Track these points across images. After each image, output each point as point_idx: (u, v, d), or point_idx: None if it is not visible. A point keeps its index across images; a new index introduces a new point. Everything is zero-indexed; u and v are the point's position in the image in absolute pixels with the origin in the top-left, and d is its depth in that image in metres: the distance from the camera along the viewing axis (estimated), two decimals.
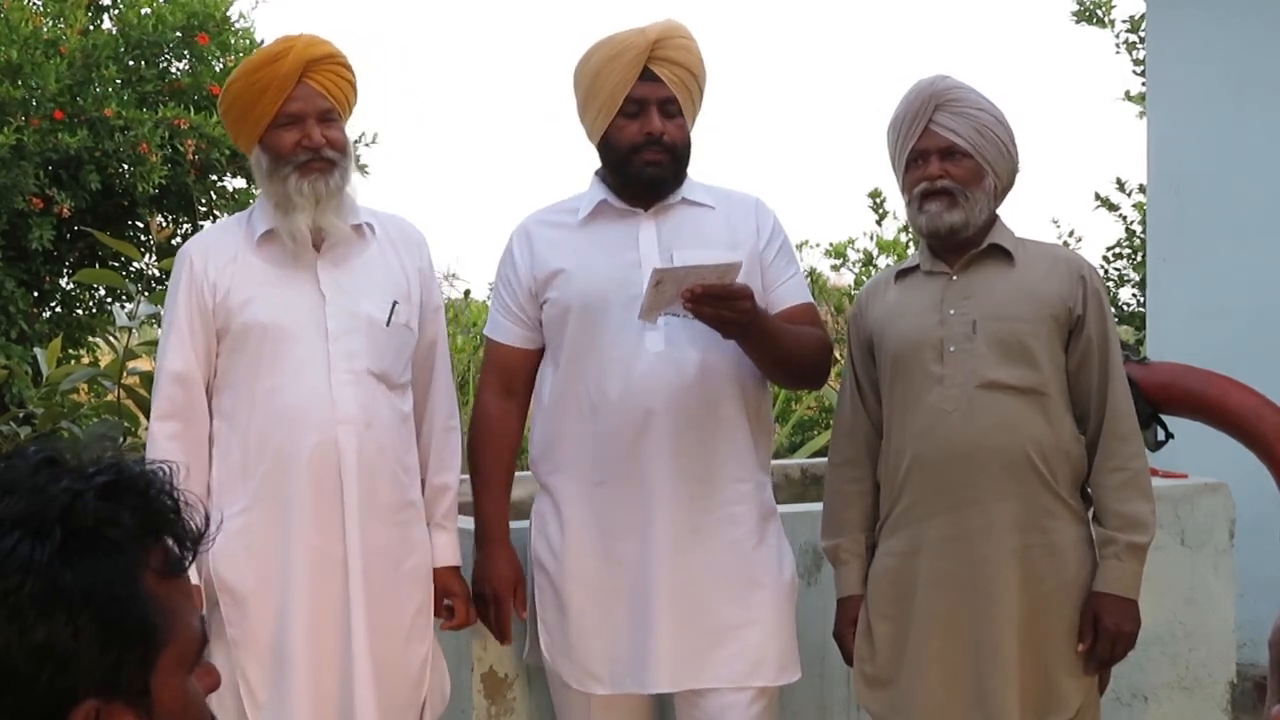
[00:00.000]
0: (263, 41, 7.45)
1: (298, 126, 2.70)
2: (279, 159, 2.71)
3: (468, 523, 3.02)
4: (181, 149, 6.84)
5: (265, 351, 2.70)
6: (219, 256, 2.77)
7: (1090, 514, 2.78)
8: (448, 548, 2.88)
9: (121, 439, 4.07)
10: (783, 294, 2.90)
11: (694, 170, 2.95)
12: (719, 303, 2.62)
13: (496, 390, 2.95)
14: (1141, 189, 8.36)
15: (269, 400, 2.69)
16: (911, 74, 2.83)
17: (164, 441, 2.70)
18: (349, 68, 2.79)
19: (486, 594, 2.86)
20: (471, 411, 3.03)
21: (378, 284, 2.78)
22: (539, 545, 2.89)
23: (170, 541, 1.05)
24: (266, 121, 2.70)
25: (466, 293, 9.31)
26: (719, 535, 2.80)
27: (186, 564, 1.08)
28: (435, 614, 2.85)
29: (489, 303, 3.27)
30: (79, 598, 0.96)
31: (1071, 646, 2.72)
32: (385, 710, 2.71)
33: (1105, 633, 2.70)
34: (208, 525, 1.13)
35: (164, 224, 6.84)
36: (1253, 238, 5.40)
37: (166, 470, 1.10)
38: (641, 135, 2.78)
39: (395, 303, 2.77)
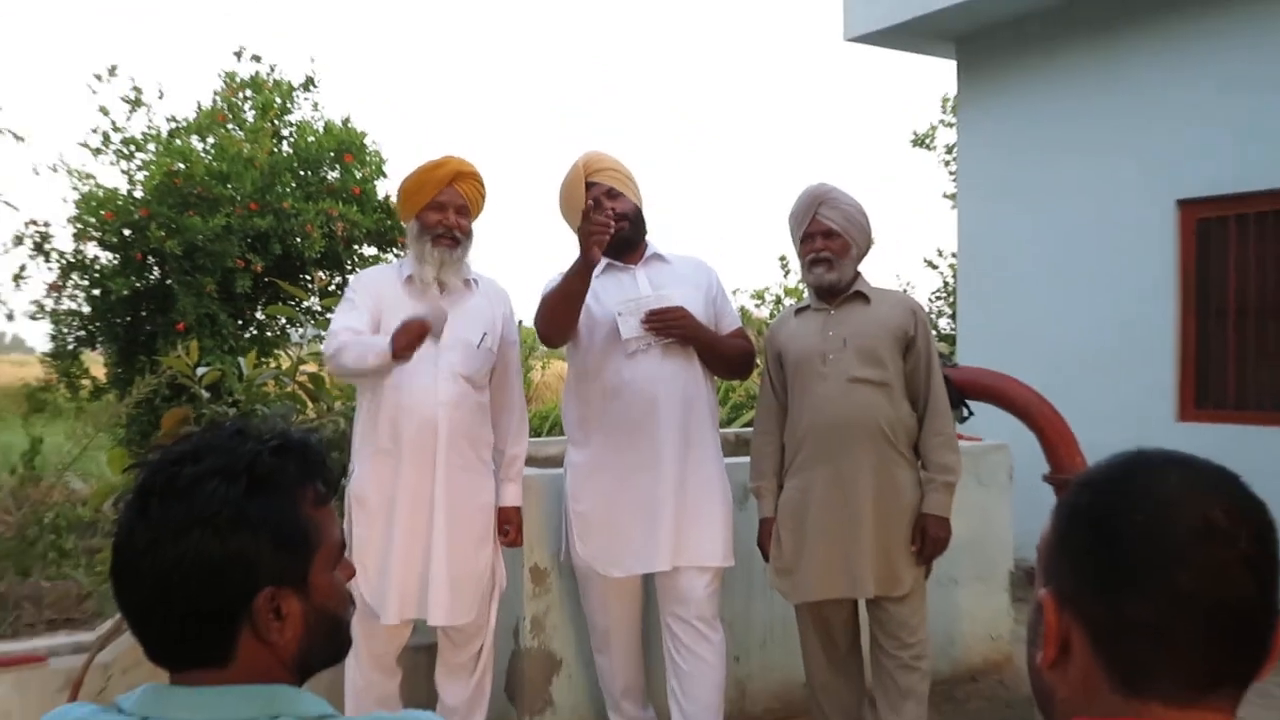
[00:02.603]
0: (387, 160, 7.48)
1: (441, 211, 2.70)
2: (424, 229, 2.70)
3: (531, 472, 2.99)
4: (334, 229, 6.87)
5: None
6: (377, 285, 2.74)
7: (919, 463, 2.79)
8: (515, 495, 2.80)
9: (294, 416, 4.06)
10: (725, 324, 2.92)
11: (663, 240, 2.96)
12: (662, 319, 2.71)
13: None
14: (954, 255, 8.40)
15: (395, 387, 2.66)
16: (803, 179, 2.90)
17: (343, 333, 2.59)
18: (483, 183, 2.77)
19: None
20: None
21: (476, 319, 2.75)
22: (573, 482, 2.86)
23: (319, 483, 1.02)
24: (423, 203, 2.70)
25: None
26: (698, 473, 2.79)
27: (330, 498, 1.04)
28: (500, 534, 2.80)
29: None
30: (258, 521, 0.94)
31: (907, 546, 2.73)
32: (454, 588, 2.66)
33: (929, 539, 2.71)
34: (343, 473, 1.09)
35: (323, 276, 6.83)
36: (1019, 288, 5.76)
37: (319, 437, 1.08)
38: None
39: (485, 333, 2.74)
